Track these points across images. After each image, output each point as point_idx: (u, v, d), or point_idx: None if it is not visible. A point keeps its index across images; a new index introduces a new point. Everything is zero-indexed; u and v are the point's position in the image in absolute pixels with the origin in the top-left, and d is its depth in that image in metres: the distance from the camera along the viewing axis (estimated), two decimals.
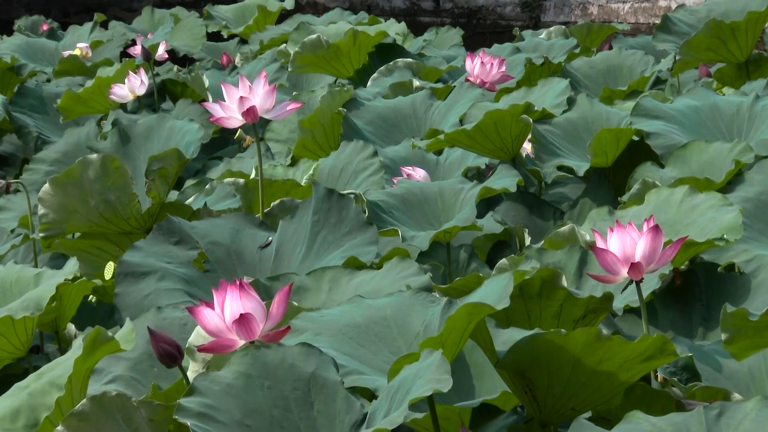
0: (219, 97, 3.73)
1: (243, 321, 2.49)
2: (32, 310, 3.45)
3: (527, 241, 3.93)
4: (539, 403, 2.51)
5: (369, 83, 6.28)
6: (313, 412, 2.37)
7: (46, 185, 4.09)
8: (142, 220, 4.15)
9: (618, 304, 3.10)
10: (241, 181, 4.46)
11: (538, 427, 2.57)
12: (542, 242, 3.51)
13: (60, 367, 2.73)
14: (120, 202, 4.10)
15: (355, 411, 2.36)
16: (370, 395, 2.48)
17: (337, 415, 2.37)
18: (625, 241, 2.64)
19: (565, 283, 2.88)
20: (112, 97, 6.33)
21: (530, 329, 2.65)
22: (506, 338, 2.57)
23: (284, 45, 7.56)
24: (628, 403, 2.53)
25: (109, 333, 2.69)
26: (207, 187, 4.64)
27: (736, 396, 2.51)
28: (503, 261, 3.32)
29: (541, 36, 7.56)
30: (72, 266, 3.70)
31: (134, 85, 6.32)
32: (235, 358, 2.41)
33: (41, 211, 4.07)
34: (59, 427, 2.53)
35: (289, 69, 6.67)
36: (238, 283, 2.51)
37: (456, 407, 2.55)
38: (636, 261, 2.64)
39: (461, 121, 5.02)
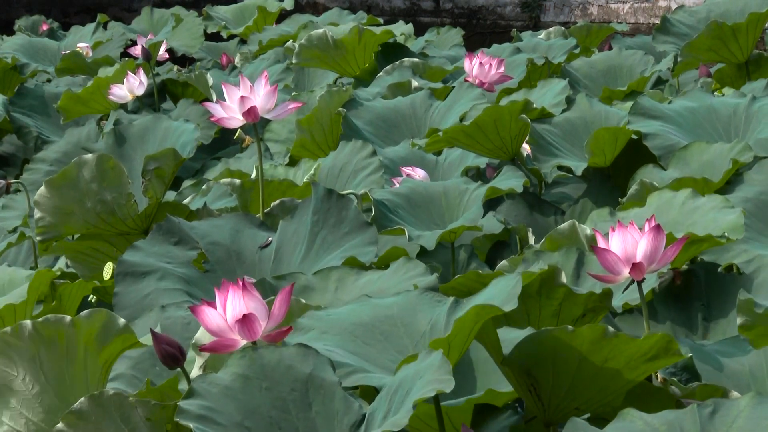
0: (223, 97, 3.73)
1: (246, 321, 2.49)
2: (16, 298, 3.44)
3: (531, 240, 3.93)
4: (543, 402, 2.51)
5: (374, 83, 6.27)
6: (311, 413, 2.37)
7: (42, 188, 4.07)
8: (140, 221, 4.14)
9: (616, 303, 3.09)
10: (237, 181, 4.45)
11: (540, 427, 2.57)
12: (543, 241, 3.50)
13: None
14: (117, 203, 4.09)
15: (353, 411, 2.36)
16: (376, 394, 2.47)
17: (336, 416, 2.37)
18: (627, 241, 2.64)
19: (564, 279, 2.88)
20: (111, 97, 6.33)
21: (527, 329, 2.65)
22: (500, 337, 2.56)
23: (291, 42, 7.52)
24: (627, 401, 2.52)
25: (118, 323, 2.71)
26: (204, 187, 4.63)
27: (735, 394, 2.50)
28: (503, 263, 3.31)
29: (540, 36, 7.55)
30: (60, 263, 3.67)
31: (133, 85, 6.32)
32: (232, 360, 2.41)
33: (38, 214, 4.06)
34: (59, 425, 2.53)
35: (294, 61, 6.63)
36: (240, 282, 2.51)
37: (444, 406, 2.54)
38: (638, 261, 2.64)
39: (461, 121, 5.01)
